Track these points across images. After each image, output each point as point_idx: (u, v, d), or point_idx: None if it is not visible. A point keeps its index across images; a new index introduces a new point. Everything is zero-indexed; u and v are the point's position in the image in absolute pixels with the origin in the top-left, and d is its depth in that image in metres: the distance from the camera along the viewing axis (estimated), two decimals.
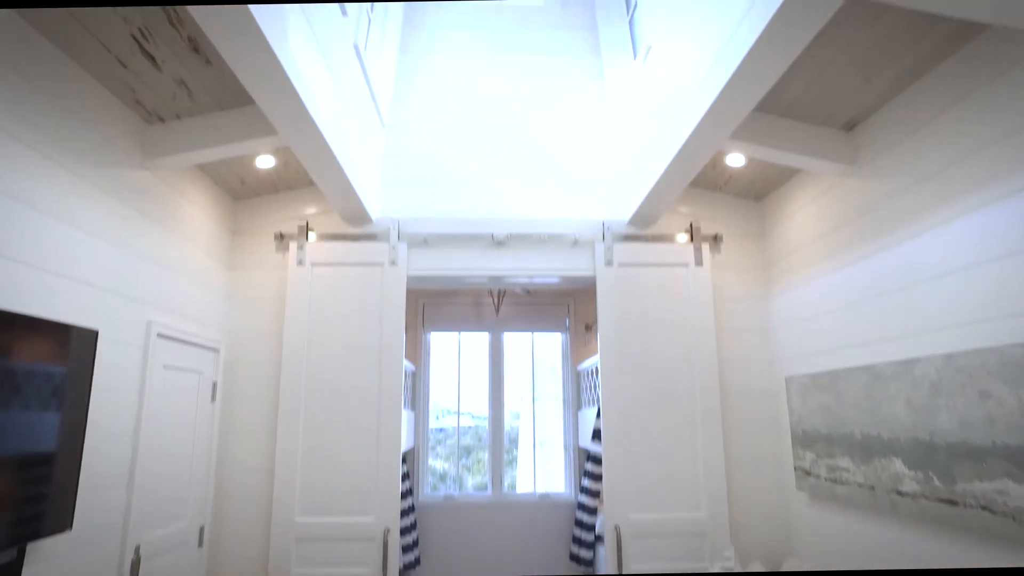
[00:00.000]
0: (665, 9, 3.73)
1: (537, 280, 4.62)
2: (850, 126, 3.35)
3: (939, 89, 2.73)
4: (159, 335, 3.28)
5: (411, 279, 4.30)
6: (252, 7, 2.15)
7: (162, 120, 3.24)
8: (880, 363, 2.99)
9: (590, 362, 5.54)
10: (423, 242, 4.32)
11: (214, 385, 3.92)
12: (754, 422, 4.16)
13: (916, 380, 2.72)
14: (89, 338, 2.66)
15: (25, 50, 2.39)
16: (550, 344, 6.47)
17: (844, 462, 3.24)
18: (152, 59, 2.75)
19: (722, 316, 4.28)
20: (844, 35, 2.66)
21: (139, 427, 3.09)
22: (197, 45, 2.73)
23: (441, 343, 6.43)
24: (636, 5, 4.52)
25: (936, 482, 2.59)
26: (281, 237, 4.26)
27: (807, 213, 3.84)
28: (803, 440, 3.66)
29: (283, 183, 4.28)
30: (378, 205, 4.37)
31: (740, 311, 4.32)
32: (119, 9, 2.43)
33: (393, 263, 4.23)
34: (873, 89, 3.01)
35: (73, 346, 2.56)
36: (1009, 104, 2.36)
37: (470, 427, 6.42)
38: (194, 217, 3.75)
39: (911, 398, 2.75)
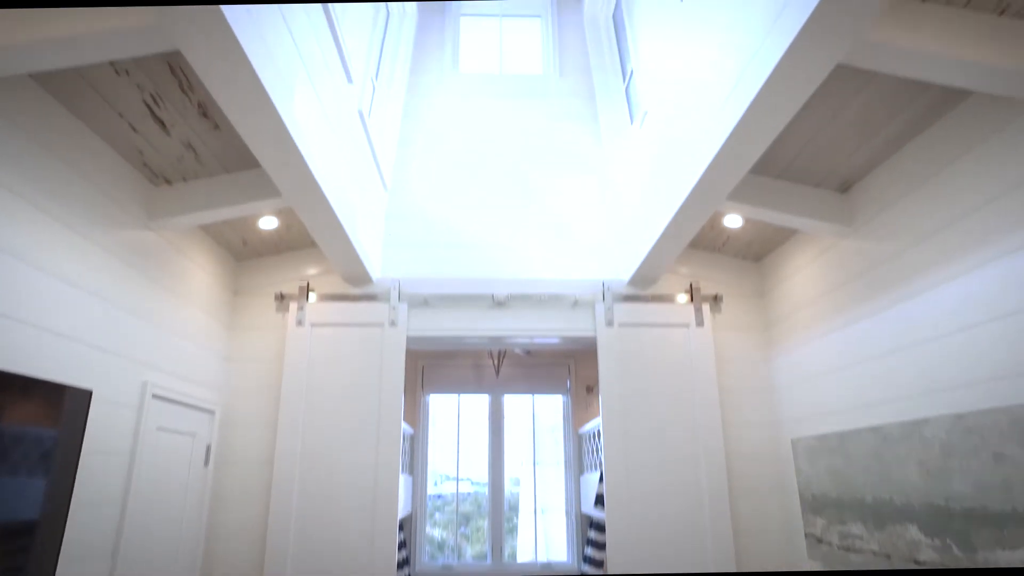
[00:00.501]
0: (660, 77, 3.86)
1: (538, 341, 4.59)
2: (845, 187, 3.40)
3: (929, 152, 2.79)
4: (154, 396, 3.23)
5: (411, 340, 4.28)
6: (261, 75, 2.22)
7: (168, 182, 3.29)
8: (888, 424, 2.93)
9: (592, 425, 5.44)
10: (423, 302, 4.32)
11: (208, 448, 3.83)
12: (761, 486, 4.04)
13: (926, 441, 2.66)
14: (83, 399, 2.61)
15: (40, 115, 2.46)
16: (551, 406, 6.37)
17: (857, 528, 3.13)
18: (162, 123, 2.82)
19: (725, 377, 4.23)
20: (835, 100, 2.74)
21: (127, 494, 2.99)
22: (206, 110, 2.80)
23: (440, 405, 6.33)
24: (632, 73, 4.68)
25: (956, 551, 2.49)
26: (281, 297, 4.26)
27: (806, 273, 3.86)
28: (813, 505, 3.55)
29: (285, 244, 4.32)
30: (379, 265, 4.39)
31: (743, 372, 4.28)
32: (133, 75, 2.52)
33: (393, 323, 4.21)
34: (865, 152, 3.07)
35: (66, 407, 2.51)
36: (999, 166, 2.41)
37: (469, 493, 6.23)
38: (196, 277, 3.76)
39: (923, 460, 2.68)
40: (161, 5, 1.59)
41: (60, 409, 2.48)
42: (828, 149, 3.11)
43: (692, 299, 4.33)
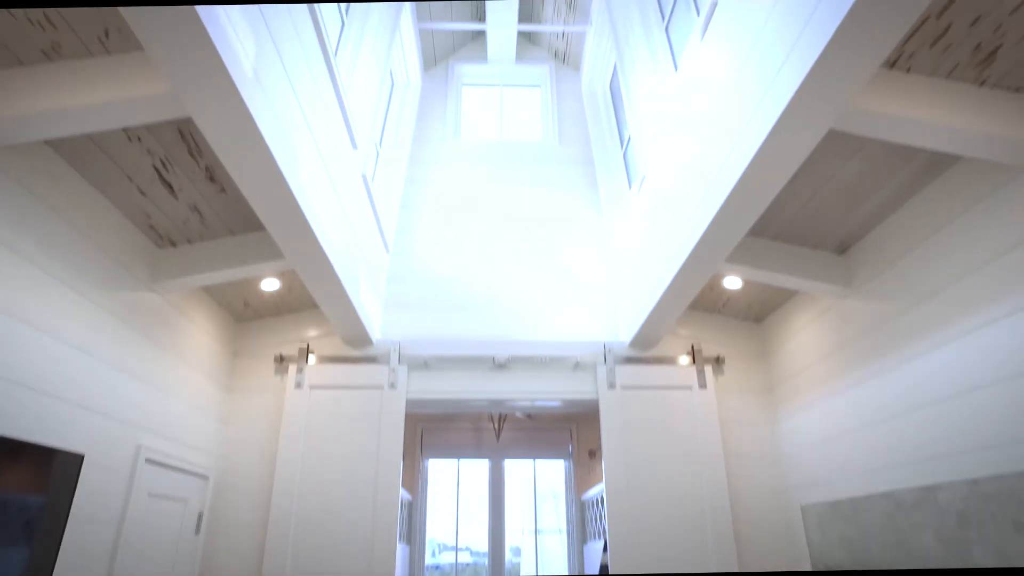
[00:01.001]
0: (657, 143, 3.97)
1: (539, 404, 4.53)
2: (842, 249, 3.44)
3: (924, 214, 2.83)
4: (148, 460, 3.16)
5: (410, 402, 4.22)
6: (269, 140, 2.28)
7: (173, 244, 3.33)
8: (901, 489, 2.85)
9: (595, 491, 5.29)
10: (423, 365, 4.29)
11: (200, 516, 3.71)
12: (771, 555, 3.88)
13: (941, 509, 2.58)
14: (73, 463, 2.55)
15: (51, 179, 2.51)
16: (553, 472, 6.22)
17: None
18: (170, 187, 2.88)
19: (730, 441, 4.15)
20: (829, 164, 2.80)
21: (114, 564, 2.88)
22: (213, 174, 2.87)
23: (439, 470, 6.18)
24: (629, 139, 4.81)
25: None
26: (281, 359, 4.23)
27: (808, 334, 3.84)
28: None
29: (286, 305, 4.32)
30: (379, 327, 4.39)
31: (748, 435, 4.20)
32: (145, 141, 2.58)
33: (392, 386, 4.17)
34: (861, 214, 3.12)
35: (55, 472, 2.45)
36: (994, 227, 2.44)
37: (468, 564, 6.00)
38: (195, 338, 3.74)
39: (939, 529, 2.59)
40: (137, 5, 1.61)
41: (49, 474, 2.42)
42: (824, 211, 3.16)
43: (694, 361, 4.30)
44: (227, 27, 1.94)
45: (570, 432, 6.19)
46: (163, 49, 1.84)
